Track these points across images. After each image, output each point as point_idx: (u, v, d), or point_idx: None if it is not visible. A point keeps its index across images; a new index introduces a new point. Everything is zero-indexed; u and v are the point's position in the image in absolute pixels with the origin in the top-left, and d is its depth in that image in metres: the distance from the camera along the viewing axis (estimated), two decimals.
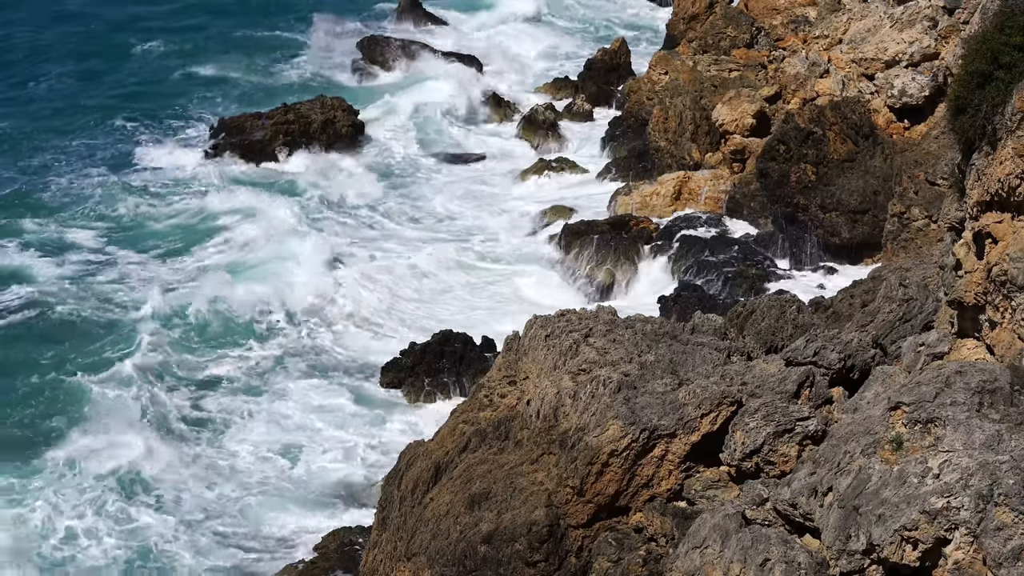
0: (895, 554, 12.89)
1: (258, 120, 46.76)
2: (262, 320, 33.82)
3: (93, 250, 38.18)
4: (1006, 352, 14.77)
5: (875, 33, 38.73)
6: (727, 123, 40.05)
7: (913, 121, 37.15)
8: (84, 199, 41.83)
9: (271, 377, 31.06)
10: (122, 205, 41.38)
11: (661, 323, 20.61)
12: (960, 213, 16.11)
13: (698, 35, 47.76)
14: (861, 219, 35.67)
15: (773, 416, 16.72)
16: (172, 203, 41.92)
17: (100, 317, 33.56)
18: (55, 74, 55.41)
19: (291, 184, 43.79)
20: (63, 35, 61.09)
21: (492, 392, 20.54)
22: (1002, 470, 12.61)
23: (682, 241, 36.69)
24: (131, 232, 39.87)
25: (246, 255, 37.92)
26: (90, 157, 46.01)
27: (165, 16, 64.55)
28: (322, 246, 37.73)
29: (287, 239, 38.35)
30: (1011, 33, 14.74)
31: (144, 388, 29.42)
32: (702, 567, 14.54)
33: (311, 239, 38.24)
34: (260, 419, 29.08)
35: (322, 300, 34.92)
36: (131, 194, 42.33)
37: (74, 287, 35.27)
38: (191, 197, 42.32)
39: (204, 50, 58.86)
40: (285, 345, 32.65)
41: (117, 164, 45.31)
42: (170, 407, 29.12)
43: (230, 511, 25.62)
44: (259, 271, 36.58)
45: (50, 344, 32.05)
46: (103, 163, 45.43)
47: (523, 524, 17.50)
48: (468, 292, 36.41)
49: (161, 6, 66.48)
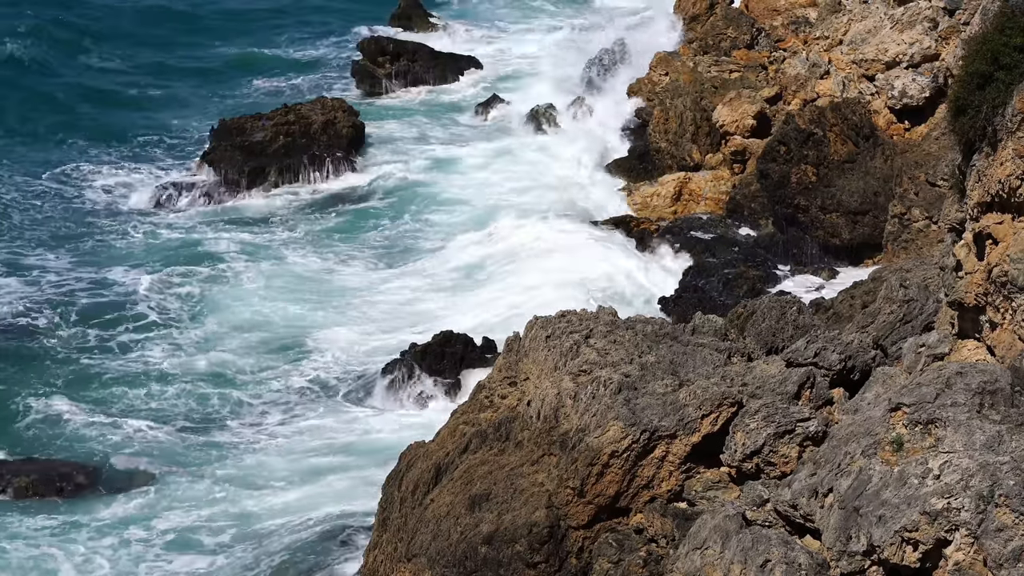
0: (896, 555, 12.89)
1: (258, 121, 46.77)
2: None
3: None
4: (1007, 353, 14.77)
5: (875, 34, 38.73)
6: (727, 124, 40.06)
7: (914, 122, 37.18)
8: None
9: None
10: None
11: (662, 324, 20.62)
12: (960, 214, 16.11)
13: (698, 36, 47.76)
14: (862, 220, 35.68)
15: (774, 417, 16.72)
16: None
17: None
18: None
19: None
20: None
21: (492, 393, 20.55)
22: (1003, 471, 12.61)
23: (682, 242, 36.70)
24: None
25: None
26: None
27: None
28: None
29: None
30: (1011, 34, 14.73)
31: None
32: (702, 568, 14.54)
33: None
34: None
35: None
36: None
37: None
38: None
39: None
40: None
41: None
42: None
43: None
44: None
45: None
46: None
47: (524, 525, 17.50)
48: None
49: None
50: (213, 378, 31.08)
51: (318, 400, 30.21)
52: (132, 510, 25.39)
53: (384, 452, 26.12)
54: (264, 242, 39.74)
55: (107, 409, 29.27)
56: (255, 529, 24.62)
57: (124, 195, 43.77)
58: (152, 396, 30.02)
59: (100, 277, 36.59)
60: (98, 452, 27.53)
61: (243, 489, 26.01)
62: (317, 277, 37.01)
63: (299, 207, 43.01)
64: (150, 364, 31.60)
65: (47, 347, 32.27)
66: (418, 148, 48.52)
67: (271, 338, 33.19)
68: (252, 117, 47.31)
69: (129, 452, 27.46)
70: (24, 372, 30.93)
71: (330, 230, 41.07)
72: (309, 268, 37.68)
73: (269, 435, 28.46)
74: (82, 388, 30.27)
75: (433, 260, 38.26)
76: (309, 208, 42.89)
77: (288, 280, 36.63)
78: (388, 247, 39.63)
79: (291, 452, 27.63)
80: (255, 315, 34.31)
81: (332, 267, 37.88)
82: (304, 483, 26.41)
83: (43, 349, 32.19)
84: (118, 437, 28.08)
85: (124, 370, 31.25)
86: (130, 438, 28.01)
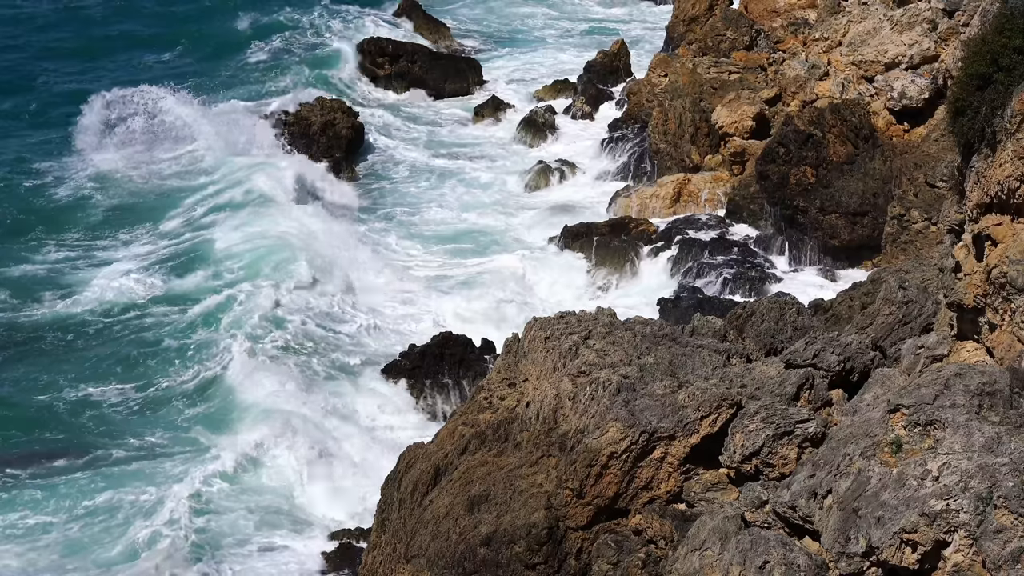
0: (894, 556, 12.89)
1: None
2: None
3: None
4: (1006, 354, 14.77)
5: (875, 35, 38.73)
6: (727, 125, 40.07)
7: (913, 123, 37.16)
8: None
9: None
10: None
11: (661, 325, 20.61)
12: (960, 215, 16.10)
13: (698, 37, 47.78)
14: (861, 221, 35.68)
15: (772, 418, 16.71)
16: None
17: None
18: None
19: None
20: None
21: (491, 394, 20.54)
22: (1001, 472, 12.60)
23: (682, 243, 36.71)
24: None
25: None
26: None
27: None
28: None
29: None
30: (1011, 35, 14.73)
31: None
32: (701, 569, 14.53)
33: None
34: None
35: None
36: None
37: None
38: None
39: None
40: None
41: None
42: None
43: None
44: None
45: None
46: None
47: (522, 526, 17.49)
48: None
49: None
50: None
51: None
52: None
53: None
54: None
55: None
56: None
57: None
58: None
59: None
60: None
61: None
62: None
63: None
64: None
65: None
66: (416, 150, 48.54)
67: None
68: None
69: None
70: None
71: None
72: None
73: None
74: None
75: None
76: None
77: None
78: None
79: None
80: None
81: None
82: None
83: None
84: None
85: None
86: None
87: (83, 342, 32.34)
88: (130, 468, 26.36)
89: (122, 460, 26.69)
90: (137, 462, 26.62)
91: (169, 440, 27.61)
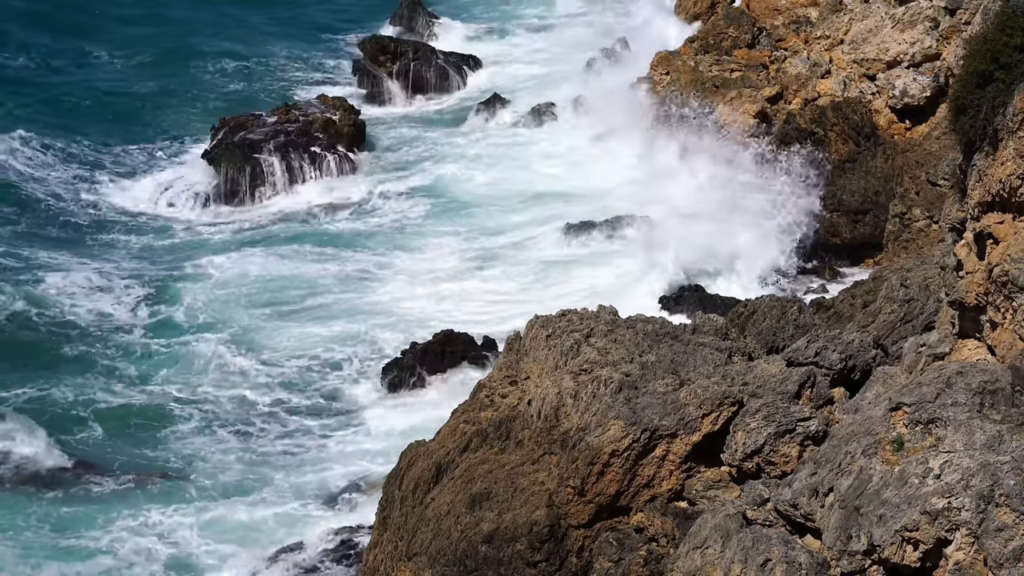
0: (896, 555, 12.89)
1: (259, 120, 46.74)
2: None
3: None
4: (1007, 353, 14.77)
5: (876, 33, 38.71)
6: (729, 123, 40.03)
7: (914, 122, 37.15)
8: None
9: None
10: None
11: (662, 323, 20.62)
12: (961, 214, 16.10)
13: (699, 35, 47.73)
14: (862, 219, 35.69)
15: (774, 416, 16.72)
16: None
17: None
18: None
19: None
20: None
21: (493, 392, 20.55)
22: (1003, 471, 12.61)
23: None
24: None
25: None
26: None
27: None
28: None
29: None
30: (1012, 33, 14.73)
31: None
32: (703, 567, 14.54)
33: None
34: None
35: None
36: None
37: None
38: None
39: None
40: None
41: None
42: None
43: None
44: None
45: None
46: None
47: (524, 524, 17.50)
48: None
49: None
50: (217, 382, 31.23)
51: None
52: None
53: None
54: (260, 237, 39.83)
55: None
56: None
57: (123, 191, 43.74)
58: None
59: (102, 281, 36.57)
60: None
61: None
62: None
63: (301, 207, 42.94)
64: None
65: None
66: (418, 148, 48.49)
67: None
68: (253, 116, 47.27)
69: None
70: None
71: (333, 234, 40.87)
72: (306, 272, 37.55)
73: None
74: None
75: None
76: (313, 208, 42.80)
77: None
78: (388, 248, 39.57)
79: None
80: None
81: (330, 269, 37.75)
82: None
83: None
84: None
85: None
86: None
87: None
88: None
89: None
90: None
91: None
